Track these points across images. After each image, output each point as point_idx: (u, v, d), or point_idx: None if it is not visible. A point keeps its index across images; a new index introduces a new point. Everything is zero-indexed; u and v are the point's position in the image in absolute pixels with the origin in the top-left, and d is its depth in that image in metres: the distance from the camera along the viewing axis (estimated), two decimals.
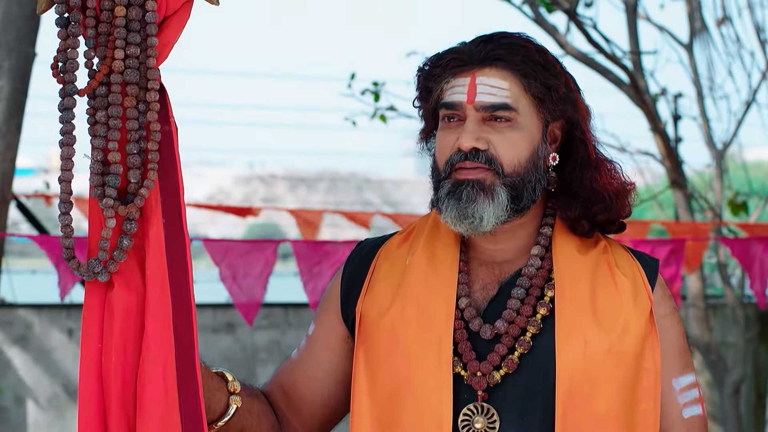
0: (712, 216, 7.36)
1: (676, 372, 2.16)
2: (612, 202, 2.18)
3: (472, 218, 2.11)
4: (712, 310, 8.37)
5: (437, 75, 2.16)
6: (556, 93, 2.15)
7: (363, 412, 2.15)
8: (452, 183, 2.13)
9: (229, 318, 8.48)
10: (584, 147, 2.19)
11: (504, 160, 2.12)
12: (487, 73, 2.14)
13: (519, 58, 2.13)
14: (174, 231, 1.90)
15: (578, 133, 2.19)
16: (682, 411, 2.16)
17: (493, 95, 2.12)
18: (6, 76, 4.49)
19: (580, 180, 2.18)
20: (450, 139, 2.15)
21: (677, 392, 2.16)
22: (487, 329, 2.13)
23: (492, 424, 2.10)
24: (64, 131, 1.85)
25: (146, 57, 1.87)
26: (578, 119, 2.19)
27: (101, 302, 1.90)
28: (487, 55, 2.14)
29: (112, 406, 1.89)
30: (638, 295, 2.15)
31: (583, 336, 2.10)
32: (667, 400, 2.15)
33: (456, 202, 2.12)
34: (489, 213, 2.11)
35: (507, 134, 2.13)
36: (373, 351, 2.17)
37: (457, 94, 2.14)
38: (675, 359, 2.17)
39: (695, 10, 7.33)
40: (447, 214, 2.13)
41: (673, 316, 2.19)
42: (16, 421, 8.04)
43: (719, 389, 7.45)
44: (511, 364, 2.11)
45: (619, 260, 2.19)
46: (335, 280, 2.30)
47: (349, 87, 7.21)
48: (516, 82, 2.14)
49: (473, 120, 2.13)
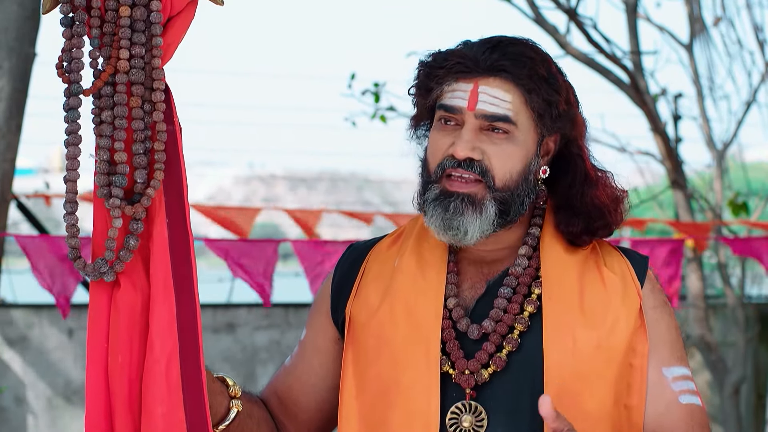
0: (712, 216, 7.36)
1: (667, 362, 2.14)
2: (611, 217, 2.19)
3: (457, 230, 2.11)
4: (712, 310, 8.37)
5: (440, 76, 2.14)
6: (556, 109, 2.13)
7: (351, 414, 2.15)
8: (441, 191, 2.12)
9: (229, 318, 8.48)
10: (582, 163, 2.19)
11: (497, 173, 2.11)
12: (491, 83, 2.12)
13: (524, 72, 2.11)
14: (178, 230, 1.91)
15: (575, 149, 2.19)
16: (678, 397, 2.12)
17: (495, 105, 2.11)
18: (6, 76, 4.49)
19: (580, 196, 2.17)
20: (444, 142, 2.13)
21: (669, 380, 2.13)
22: (475, 329, 2.13)
23: (480, 422, 2.10)
24: (70, 131, 1.85)
25: (151, 57, 1.88)
26: (575, 136, 2.18)
27: (107, 302, 1.90)
28: (492, 65, 2.12)
29: (118, 406, 1.89)
30: (627, 291, 2.14)
31: (571, 333, 2.10)
32: (658, 389, 2.12)
33: (442, 212, 2.11)
34: (474, 227, 2.11)
35: (503, 146, 2.12)
36: (361, 352, 2.17)
37: (458, 99, 2.13)
38: (665, 350, 2.14)
39: (695, 10, 7.33)
40: (432, 221, 2.13)
41: (662, 309, 2.17)
42: (16, 421, 8.04)
43: (719, 389, 7.45)
44: (500, 362, 2.11)
45: (608, 258, 2.19)
46: (325, 284, 2.30)
47: (349, 87, 7.22)
48: (518, 95, 2.12)
49: (470, 128, 2.12)
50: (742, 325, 7.69)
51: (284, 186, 64.71)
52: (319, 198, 59.96)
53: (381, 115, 7.27)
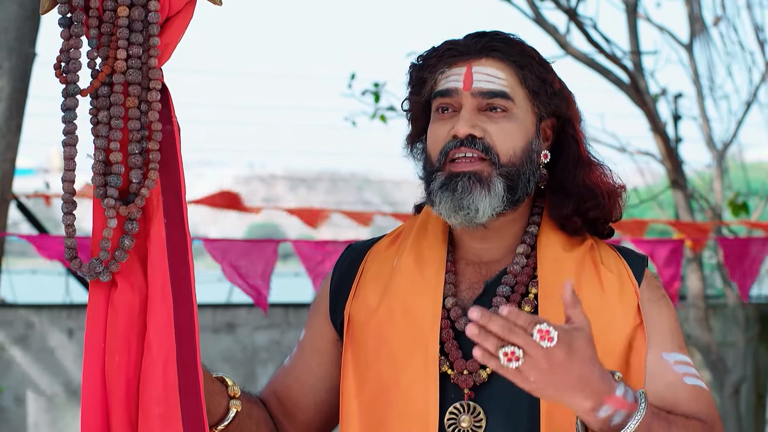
0: (712, 216, 7.36)
1: (668, 348, 2.12)
2: (604, 199, 2.17)
3: (468, 209, 2.10)
4: (712, 310, 8.37)
5: (432, 65, 2.15)
6: (551, 87, 2.14)
7: (351, 415, 2.15)
8: (446, 175, 2.11)
9: (229, 318, 8.49)
10: (576, 145, 2.19)
11: (500, 149, 2.11)
12: (484, 63, 2.13)
13: (515, 51, 2.14)
14: (175, 230, 1.90)
15: (570, 130, 2.19)
16: (683, 378, 2.10)
17: (490, 82, 2.12)
18: (6, 76, 4.49)
19: (572, 177, 2.17)
20: (444, 129, 2.13)
21: (672, 364, 2.11)
22: None
23: (478, 422, 2.09)
24: (67, 131, 1.85)
25: (148, 57, 1.87)
26: (570, 117, 2.19)
27: (104, 302, 1.90)
28: (483, 47, 2.14)
29: (115, 406, 1.89)
30: (624, 291, 2.14)
31: None
32: (662, 373, 2.10)
33: (450, 194, 2.10)
34: (485, 204, 2.10)
35: (502, 124, 2.12)
36: (360, 353, 2.16)
37: (453, 81, 2.13)
38: (665, 337, 2.12)
39: (695, 10, 7.33)
40: (441, 206, 2.11)
41: (660, 301, 2.16)
42: (16, 421, 8.04)
43: (719, 389, 7.45)
44: None
45: (605, 257, 2.18)
46: (324, 285, 2.29)
47: (350, 87, 7.22)
48: (512, 73, 2.13)
49: (469, 108, 2.12)
50: (742, 325, 7.69)
51: (284, 186, 64.75)
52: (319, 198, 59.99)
53: (381, 115, 7.28)
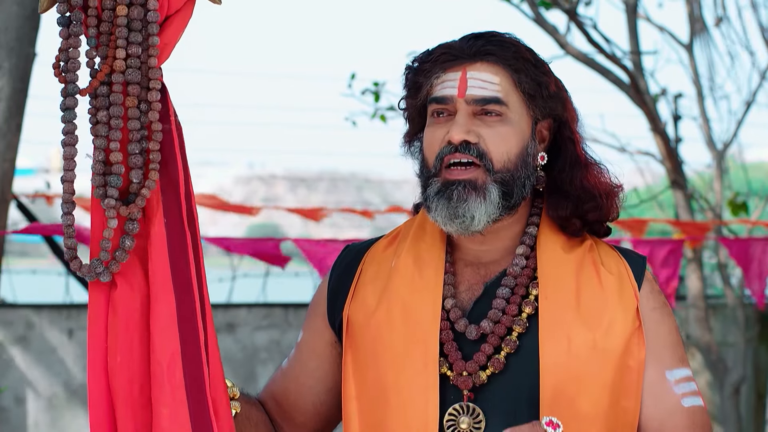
0: (712, 216, 7.36)
1: (670, 364, 2.13)
2: (602, 200, 2.17)
3: (463, 218, 2.10)
4: (712, 311, 8.37)
5: (427, 70, 2.15)
6: (546, 90, 2.14)
7: (352, 416, 2.14)
8: (442, 182, 2.12)
9: (229, 318, 8.49)
10: (573, 147, 2.18)
11: (494, 155, 2.11)
12: (478, 68, 2.13)
13: (510, 54, 2.13)
14: (176, 231, 1.90)
15: (567, 132, 2.18)
16: (681, 400, 2.12)
17: (483, 89, 2.12)
18: (6, 76, 4.48)
19: (570, 179, 2.17)
20: (439, 134, 2.13)
21: (672, 383, 2.12)
22: (473, 329, 2.11)
23: (477, 424, 2.09)
24: (66, 131, 1.84)
25: (148, 56, 1.87)
26: (567, 118, 2.18)
27: (105, 302, 1.89)
28: (478, 50, 2.13)
29: (119, 406, 1.89)
30: (624, 292, 2.13)
31: (566, 333, 2.08)
32: (662, 392, 2.12)
33: (446, 201, 2.10)
34: (481, 212, 2.10)
35: (497, 128, 2.12)
36: (360, 354, 2.16)
37: (448, 88, 2.13)
38: (667, 352, 2.13)
39: (695, 10, 7.33)
40: (437, 213, 2.11)
41: (662, 310, 2.16)
42: (16, 421, 8.04)
43: (719, 390, 7.45)
44: (498, 364, 2.09)
45: (605, 258, 2.18)
46: (322, 286, 2.29)
47: (350, 87, 7.23)
48: (506, 77, 2.13)
49: (464, 114, 2.12)
50: (742, 325, 7.69)
51: (284, 186, 64.76)
52: (319, 198, 59.99)
53: (381, 115, 7.28)
